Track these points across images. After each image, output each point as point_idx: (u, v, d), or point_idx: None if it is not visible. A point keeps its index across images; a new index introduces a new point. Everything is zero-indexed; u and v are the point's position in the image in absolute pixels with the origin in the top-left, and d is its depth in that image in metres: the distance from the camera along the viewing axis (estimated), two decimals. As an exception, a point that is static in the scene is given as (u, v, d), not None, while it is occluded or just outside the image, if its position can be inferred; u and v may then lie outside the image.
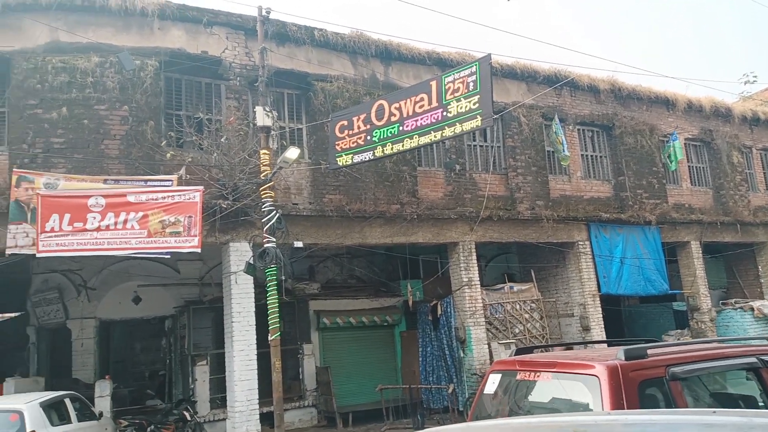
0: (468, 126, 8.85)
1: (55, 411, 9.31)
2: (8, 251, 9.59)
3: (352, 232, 12.25)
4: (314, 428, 13.46)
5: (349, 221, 12.16)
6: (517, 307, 14.12)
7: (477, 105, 8.71)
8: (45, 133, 10.19)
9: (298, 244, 11.52)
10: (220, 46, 11.62)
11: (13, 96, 10.27)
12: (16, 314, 11.70)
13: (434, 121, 9.16)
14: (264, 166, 10.25)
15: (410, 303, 14.04)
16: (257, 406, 10.68)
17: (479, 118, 8.68)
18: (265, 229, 10.02)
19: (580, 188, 15.69)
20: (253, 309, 10.97)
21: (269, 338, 9.97)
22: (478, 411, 5.36)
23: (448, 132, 9.05)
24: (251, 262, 10.14)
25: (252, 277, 10.74)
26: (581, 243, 15.01)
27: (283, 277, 10.58)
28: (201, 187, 10.12)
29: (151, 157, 10.65)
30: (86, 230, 9.52)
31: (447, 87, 9.13)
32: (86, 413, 10.28)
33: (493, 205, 13.74)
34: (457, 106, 8.93)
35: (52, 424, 8.95)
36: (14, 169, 9.78)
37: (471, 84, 8.86)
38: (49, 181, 9.84)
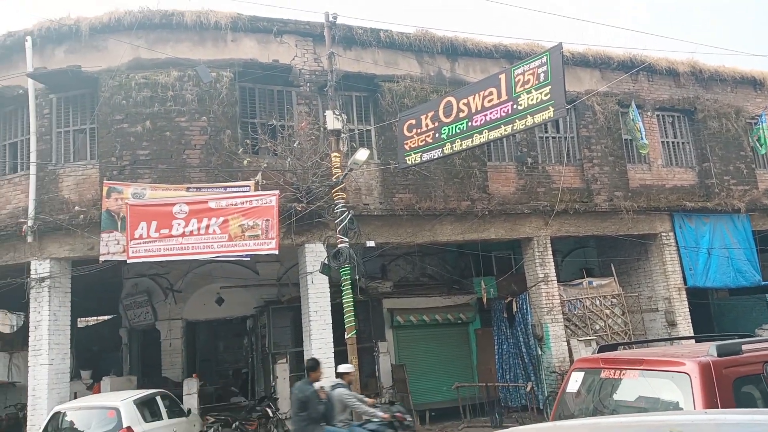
0: (540, 118, 8.66)
1: (147, 408, 9.87)
2: (102, 258, 10.27)
3: (422, 230, 12.26)
4: (392, 426, 13.54)
5: (419, 219, 12.18)
6: (597, 302, 13.65)
7: (549, 96, 8.50)
8: (131, 146, 10.83)
9: (370, 243, 11.66)
10: (290, 54, 11.94)
11: (102, 112, 10.98)
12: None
13: (504, 114, 9.02)
14: (335, 168, 10.45)
15: (484, 300, 13.88)
16: (336, 404, 10.87)
17: (551, 109, 8.47)
18: (338, 229, 10.22)
19: (661, 177, 14.98)
20: (329, 308, 11.20)
21: (346, 336, 10.17)
22: (561, 410, 5.25)
23: (519, 125, 8.89)
24: (326, 262, 10.38)
25: (327, 277, 10.98)
26: (664, 234, 14.33)
27: (357, 277, 10.74)
28: (276, 192, 10.44)
29: (229, 165, 11.09)
30: (172, 236, 10.04)
31: (516, 79, 8.97)
32: (175, 410, 10.83)
33: (568, 198, 13.36)
34: (528, 98, 8.75)
35: (145, 420, 9.49)
36: (105, 181, 10.46)
37: (542, 75, 8.66)
38: (137, 191, 10.45)
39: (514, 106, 8.95)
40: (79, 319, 18.36)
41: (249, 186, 10.80)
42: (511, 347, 13.82)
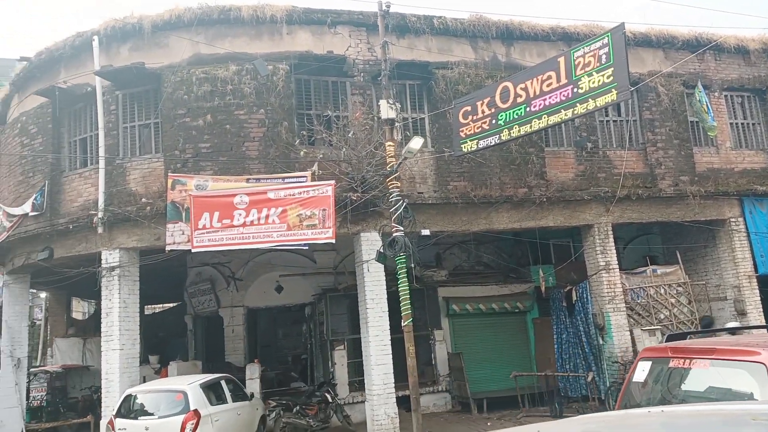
0: (602, 101, 8.40)
1: (212, 391, 10.25)
2: (168, 248, 10.68)
3: (478, 218, 12.15)
4: (449, 413, 13.59)
5: (474, 207, 12.07)
6: (662, 291, 13.20)
7: (611, 78, 8.22)
8: (193, 140, 11.18)
9: (425, 232, 11.65)
10: (344, 45, 12.00)
11: (165, 107, 11.37)
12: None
13: (564, 98, 8.79)
14: (389, 157, 10.47)
15: (543, 289, 13.65)
16: (393, 390, 10.99)
17: (614, 91, 8.19)
18: (393, 218, 10.25)
19: (730, 160, 14.27)
20: (385, 296, 11.28)
21: (402, 324, 10.22)
22: (627, 399, 5.15)
23: (580, 109, 8.64)
24: (381, 250, 10.43)
25: (383, 265, 11.05)
26: (733, 220, 13.68)
27: (412, 265, 10.76)
28: (332, 182, 10.57)
29: (286, 156, 11.29)
30: (233, 226, 10.34)
31: (576, 62, 8.71)
32: (239, 394, 11.20)
33: (630, 183, 12.92)
34: (589, 81, 8.49)
35: (211, 404, 9.86)
36: (169, 174, 10.85)
37: (603, 57, 8.38)
38: (200, 182, 10.79)
39: (575, 90, 8.70)
40: (146, 306, 19.23)
41: (306, 176, 10.98)
42: (571, 337, 13.56)
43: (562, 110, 8.85)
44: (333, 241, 10.51)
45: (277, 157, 11.24)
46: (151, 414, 9.46)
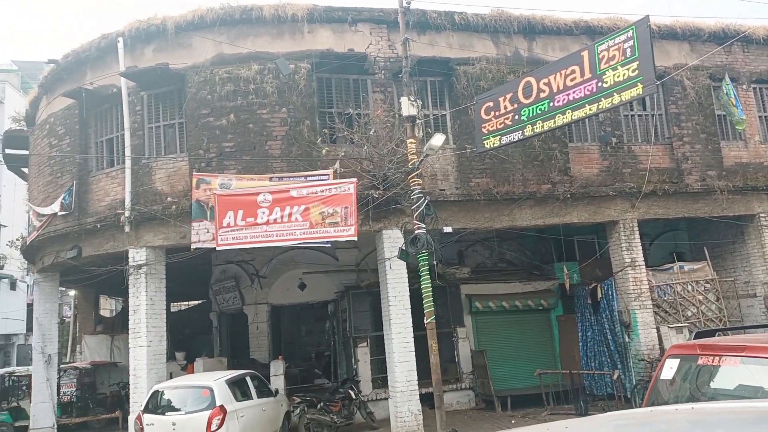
0: (627, 95, 8.27)
1: (238, 388, 10.37)
2: (193, 246, 10.82)
3: (500, 215, 12.07)
4: (472, 411, 13.54)
5: (497, 204, 12.00)
6: (689, 288, 12.98)
7: (636, 72, 8.10)
8: (217, 139, 11.30)
9: (447, 229, 11.61)
10: (365, 42, 12.01)
11: (189, 107, 11.51)
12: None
13: (588, 93, 8.68)
14: (411, 154, 10.46)
15: (567, 286, 13.50)
16: (417, 387, 10.99)
17: (640, 85, 8.06)
18: (414, 215, 10.24)
19: (759, 154, 13.95)
20: (408, 293, 11.28)
21: (425, 321, 10.22)
22: (654, 397, 5.08)
23: (604, 104, 8.53)
24: (404, 248, 10.43)
25: (405, 263, 11.04)
26: (763, 215, 13.39)
27: (434, 262, 10.74)
28: (354, 179, 10.60)
29: (308, 154, 11.35)
30: (257, 224, 10.43)
31: (601, 56, 8.60)
32: (264, 390, 11.31)
33: (656, 178, 12.72)
34: (614, 75, 8.37)
35: (236, 399, 9.98)
36: (194, 173, 10.99)
37: (628, 50, 8.26)
38: (224, 181, 10.91)
39: (599, 84, 8.59)
40: (172, 303, 19.50)
41: (328, 174, 11.02)
42: (596, 334, 13.41)
43: (587, 105, 8.74)
44: (355, 238, 10.53)
45: (299, 156, 11.31)
46: (178, 410, 9.61)
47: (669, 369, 4.97)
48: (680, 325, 12.40)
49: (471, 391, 14.02)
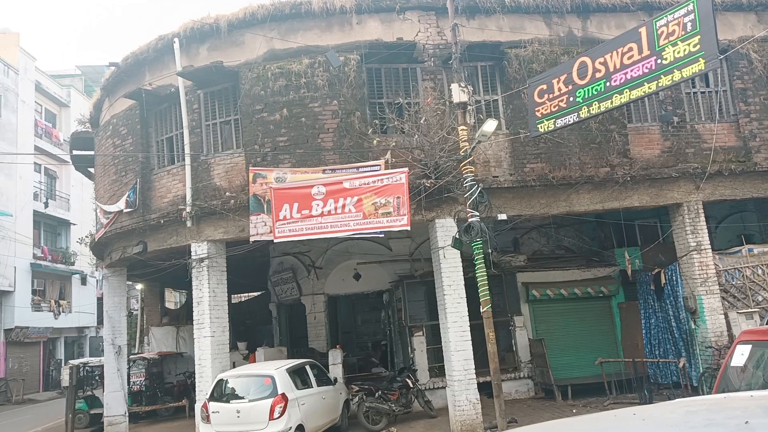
0: (688, 71, 7.90)
1: (298, 376, 10.62)
2: (252, 239, 11.10)
3: (557, 200, 11.81)
4: (531, 399, 13.38)
5: (553, 190, 11.74)
6: (759, 272, 12.36)
7: (698, 47, 7.72)
8: (271, 134, 11.52)
9: (502, 216, 11.44)
10: (413, 30, 11.94)
11: (244, 104, 11.76)
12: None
13: (647, 71, 8.33)
14: (462, 141, 10.36)
15: (629, 272, 13.10)
16: (474, 376, 10.94)
17: (702, 60, 7.68)
18: (468, 203, 10.15)
19: (835, 128, 13.07)
20: (463, 282, 11.21)
21: (481, 310, 10.14)
22: (724, 385, 4.90)
23: (664, 81, 8.17)
24: (457, 236, 10.36)
25: (459, 252, 10.98)
26: (841, 193, 12.56)
27: (489, 250, 10.62)
28: (406, 169, 10.59)
29: (360, 145, 11.42)
30: (312, 216, 10.59)
31: (659, 32, 8.23)
32: (323, 379, 11.54)
33: (722, 158, 12.13)
34: (674, 51, 8.01)
35: (297, 388, 10.22)
36: (250, 168, 11.24)
37: (689, 24, 7.88)
38: (279, 175, 11.12)
39: (658, 61, 8.23)
40: (233, 295, 20.09)
41: (379, 165, 11.06)
42: (660, 321, 12.97)
43: (645, 83, 8.39)
44: (408, 228, 10.54)
45: (350, 147, 11.39)
46: (242, 397, 9.93)
47: (740, 355, 4.78)
48: (750, 310, 11.83)
49: (530, 380, 13.85)
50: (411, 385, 12.22)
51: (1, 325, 27.52)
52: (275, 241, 10.95)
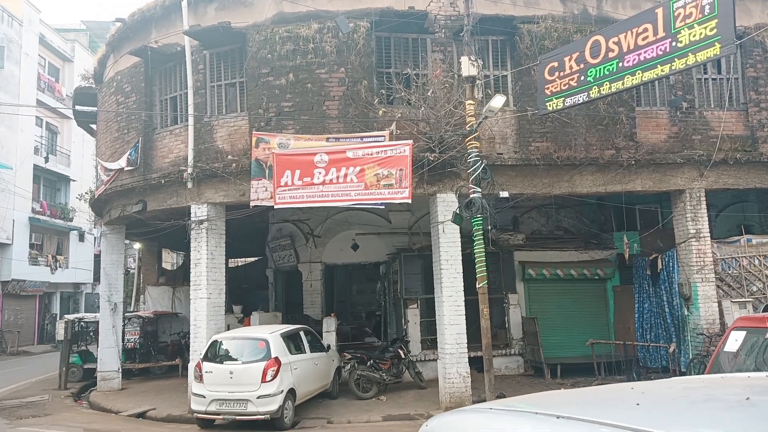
0: (703, 56, 7.79)
1: (292, 341, 10.72)
2: (252, 203, 11.08)
3: (560, 180, 11.77)
4: (521, 376, 13.56)
5: (557, 169, 11.68)
6: (756, 262, 12.40)
7: (714, 31, 7.60)
8: (276, 99, 11.39)
9: (504, 194, 11.42)
10: (426, 0, 11.72)
11: (250, 66, 11.61)
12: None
13: (661, 53, 8.21)
14: (469, 116, 10.26)
15: (626, 256, 13.14)
16: (465, 350, 11.04)
17: (718, 45, 7.57)
18: (470, 179, 10.11)
19: None
20: (460, 257, 11.23)
21: (477, 286, 10.18)
22: (716, 370, 4.96)
23: (678, 64, 8.06)
24: (458, 212, 10.34)
25: (458, 227, 10.98)
26: None
27: (489, 227, 10.63)
28: (410, 141, 10.52)
29: (365, 115, 11.32)
30: (313, 184, 10.55)
31: (676, 13, 8.09)
32: (316, 345, 11.65)
33: (728, 146, 12.05)
34: (690, 34, 7.88)
35: (290, 353, 10.33)
36: (254, 132, 11.15)
37: (707, 7, 7.74)
38: (282, 141, 11.04)
39: (673, 44, 8.11)
40: (230, 259, 20.16)
41: (384, 136, 10.97)
42: (654, 306, 13.06)
43: (659, 65, 8.28)
44: (409, 201, 10.53)
45: (355, 116, 11.28)
46: (235, 359, 10.04)
47: (734, 341, 4.82)
48: (744, 300, 11.92)
49: (520, 357, 14.01)
50: (402, 356, 12.36)
51: (-1, 277, 27.67)
52: (275, 207, 10.94)
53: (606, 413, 1.64)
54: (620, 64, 8.71)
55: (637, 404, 1.76)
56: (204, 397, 9.70)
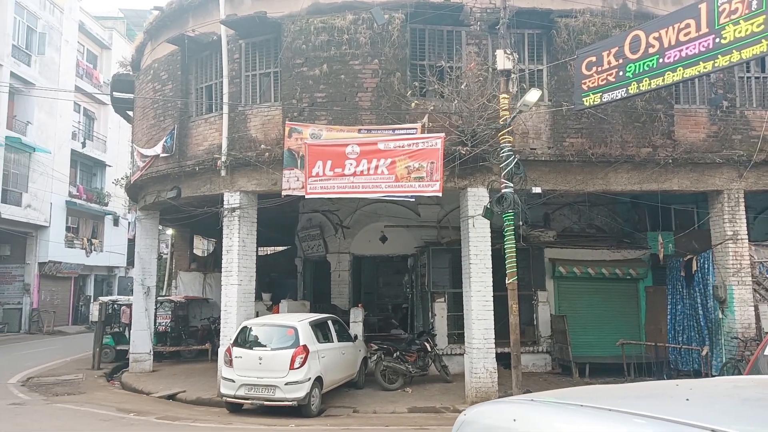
0: (748, 53, 7.56)
1: (320, 330, 10.82)
2: (283, 192, 11.19)
3: (594, 177, 11.59)
4: (548, 374, 13.45)
5: (591, 166, 11.51)
6: (796, 267, 12.04)
7: (762, 27, 7.36)
8: (309, 89, 11.45)
9: (536, 189, 11.29)
10: (462, -9, 11.63)
11: (284, 57, 11.68)
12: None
13: (704, 49, 8.00)
14: (503, 110, 10.17)
15: (660, 257, 12.88)
16: (493, 345, 10.99)
17: (765, 42, 7.34)
18: (502, 174, 10.03)
19: None
20: (490, 252, 11.16)
21: (507, 281, 10.12)
22: (755, 373, 4.83)
23: (721, 61, 7.85)
24: (489, 206, 10.28)
25: (488, 222, 10.91)
26: None
27: (520, 223, 10.53)
28: (442, 134, 10.48)
29: (397, 107, 11.30)
30: (344, 175, 10.60)
31: (721, 9, 7.87)
32: (344, 335, 11.73)
33: (770, 147, 11.71)
34: (735, 31, 7.66)
35: (318, 341, 10.43)
36: (287, 122, 11.24)
37: (754, 3, 7.50)
38: (314, 131, 11.11)
39: (717, 40, 7.89)
40: (260, 248, 20.42)
41: (416, 128, 10.94)
42: (687, 308, 12.81)
43: (701, 62, 8.07)
44: (439, 194, 10.50)
45: (388, 108, 11.27)
46: (264, 346, 10.18)
47: (774, 346, 4.70)
48: (783, 305, 11.61)
49: (548, 355, 13.90)
50: (429, 349, 12.37)
51: (36, 258, 28.50)
52: (306, 196, 11.02)
53: (656, 408, 1.62)
54: (661, 60, 8.52)
55: (687, 399, 1.73)
56: (233, 381, 9.87)
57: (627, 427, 1.51)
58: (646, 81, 8.71)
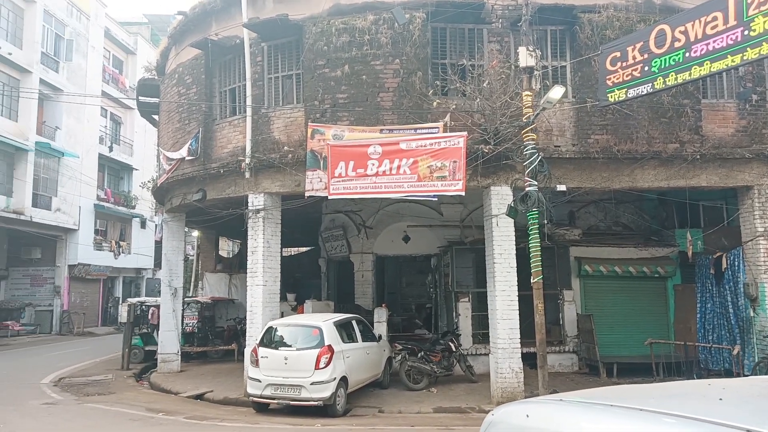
0: (779, 45, 7.38)
1: (344, 330, 10.86)
2: (307, 194, 11.25)
3: (620, 175, 11.42)
4: (575, 374, 13.30)
5: (616, 163, 11.35)
6: (831, 264, 11.69)
7: (793, 18, 7.18)
8: (331, 90, 11.51)
9: (561, 187, 11.16)
10: (483, -11, 11.56)
11: (306, 58, 11.75)
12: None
13: (732, 42, 7.83)
14: (526, 108, 10.09)
15: (689, 254, 12.64)
16: (518, 345, 10.90)
17: (796, 33, 7.16)
18: (526, 172, 9.95)
19: None
20: (514, 251, 11.08)
21: (532, 281, 10.03)
22: (789, 374, 4.72)
23: (750, 54, 7.66)
24: (513, 205, 10.20)
25: (512, 221, 10.83)
26: None
27: (544, 222, 10.43)
28: (464, 133, 10.42)
29: (419, 107, 11.29)
30: (367, 175, 10.61)
31: (750, 0, 7.70)
32: (368, 335, 11.76)
33: (802, 141, 11.42)
34: (764, 22, 7.47)
35: (343, 341, 10.47)
36: (309, 123, 11.31)
37: (785, -8, 7.32)
38: (336, 132, 11.15)
39: (745, 33, 7.71)
40: (284, 248, 20.58)
41: (438, 127, 10.91)
42: (717, 306, 12.55)
43: (729, 56, 7.89)
44: (462, 193, 10.44)
45: (410, 108, 11.27)
46: (290, 346, 10.25)
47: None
48: (817, 303, 11.29)
49: (574, 354, 13.74)
50: (453, 349, 12.33)
51: (66, 260, 29.14)
52: (329, 197, 11.06)
53: (688, 408, 1.60)
54: (687, 54, 8.35)
55: (720, 399, 1.70)
56: (260, 381, 9.97)
57: (659, 427, 1.48)
58: (672, 76, 8.55)
